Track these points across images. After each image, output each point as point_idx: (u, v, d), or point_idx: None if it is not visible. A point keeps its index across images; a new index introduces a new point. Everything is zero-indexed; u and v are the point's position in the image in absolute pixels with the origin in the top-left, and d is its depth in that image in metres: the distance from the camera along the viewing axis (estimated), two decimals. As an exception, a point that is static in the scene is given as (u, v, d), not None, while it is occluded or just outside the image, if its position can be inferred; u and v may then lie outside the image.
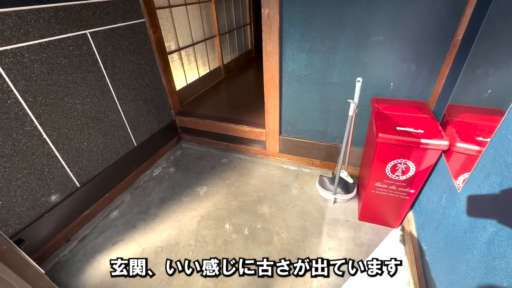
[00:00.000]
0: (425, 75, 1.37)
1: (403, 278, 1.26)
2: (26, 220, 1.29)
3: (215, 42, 3.01)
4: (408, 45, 1.31)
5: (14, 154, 1.20)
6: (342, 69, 1.50)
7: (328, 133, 1.79)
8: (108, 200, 1.73)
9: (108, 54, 1.56)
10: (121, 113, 1.73)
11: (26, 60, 1.18)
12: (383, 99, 1.46)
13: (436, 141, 1.08)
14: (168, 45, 2.26)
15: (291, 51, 1.55)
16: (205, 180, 1.95)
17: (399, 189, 1.30)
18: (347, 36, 1.39)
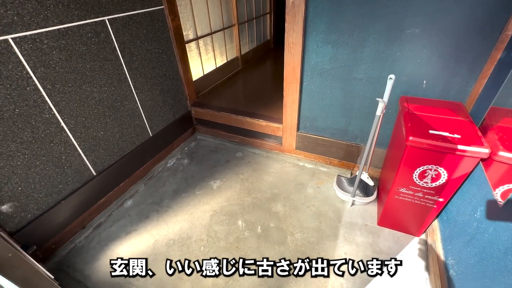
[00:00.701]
0: (464, 74, 1.24)
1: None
2: (44, 206, 1.31)
3: (234, 31, 2.92)
4: (447, 40, 1.19)
5: (33, 141, 1.21)
6: (369, 64, 1.40)
7: (349, 132, 1.70)
8: (123, 189, 1.74)
9: (126, 42, 1.53)
10: (137, 102, 1.71)
11: (45, 46, 1.16)
12: (413, 98, 1.35)
13: (475, 148, 0.98)
14: (186, 33, 2.20)
15: (315, 43, 1.46)
16: (219, 173, 1.92)
17: (426, 196, 1.21)
18: (379, 28, 1.28)
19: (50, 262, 1.36)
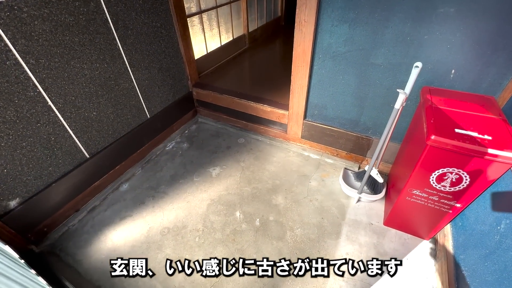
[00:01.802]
0: (502, 64, 1.07)
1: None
2: (33, 189, 1.26)
3: (241, 5, 2.69)
4: (487, 22, 1.01)
5: (17, 121, 1.12)
6: (391, 48, 1.23)
7: (360, 123, 1.56)
8: (119, 172, 1.68)
9: (120, 13, 1.38)
10: (133, 81, 1.59)
11: (25, 15, 1.04)
12: (438, 89, 1.19)
13: (509, 153, 0.85)
14: (188, 6, 2.02)
15: (330, 21, 1.28)
16: (219, 160, 1.83)
17: (442, 201, 1.10)
18: (406, 5, 1.10)
19: (43, 245, 1.33)
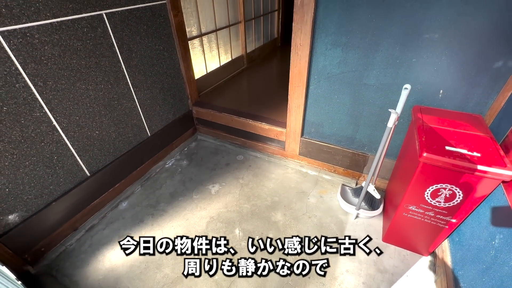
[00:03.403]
0: (486, 84, 1.14)
1: (431, 317, 1.10)
2: (33, 208, 1.26)
3: (240, 28, 2.83)
4: (470, 47, 1.09)
5: (22, 141, 1.15)
6: (382, 70, 1.30)
7: (356, 140, 1.61)
8: (118, 190, 1.68)
9: (125, 37, 1.46)
10: (135, 101, 1.64)
11: (36, 41, 1.10)
12: (428, 108, 1.25)
13: (497, 169, 0.89)
14: (189, 30, 2.12)
15: (324, 45, 1.36)
16: (218, 177, 1.85)
17: (437, 216, 1.12)
18: (394, 31, 1.18)
19: (39, 265, 1.31)
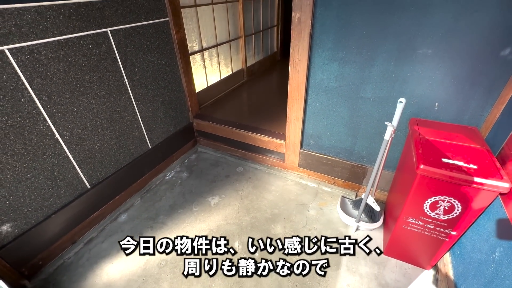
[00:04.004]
0: (480, 98, 1.16)
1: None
2: (33, 220, 1.26)
3: (240, 43, 2.91)
4: (462, 62, 1.12)
5: (25, 154, 1.17)
6: (378, 84, 1.33)
7: (355, 152, 1.62)
8: (118, 202, 1.68)
9: (128, 53, 1.51)
10: (137, 114, 1.67)
11: (43, 57, 1.14)
12: (424, 121, 1.27)
13: (494, 181, 0.89)
14: (191, 45, 2.19)
15: (321, 60, 1.40)
16: (218, 189, 1.85)
17: (437, 229, 1.11)
18: (389, 47, 1.22)
19: (36, 279, 1.30)
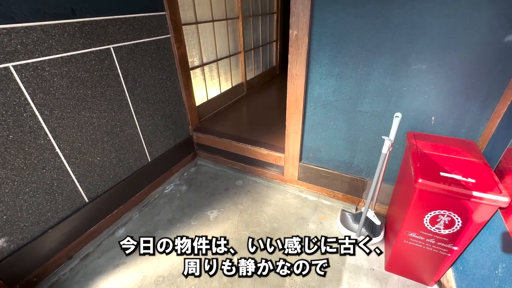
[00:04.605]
0: (475, 111, 1.18)
1: None
2: (29, 235, 1.25)
3: (240, 58, 2.98)
4: (456, 77, 1.15)
5: (24, 168, 1.17)
6: (375, 98, 1.35)
7: (354, 165, 1.62)
8: (116, 216, 1.67)
9: (130, 69, 1.54)
10: (137, 128, 1.69)
11: (47, 74, 1.17)
12: (421, 134, 1.28)
13: (492, 195, 0.89)
14: (191, 60, 2.24)
15: (318, 75, 1.43)
16: (217, 203, 1.84)
17: (439, 243, 1.10)
18: (384, 62, 1.25)
19: (29, 297, 1.27)
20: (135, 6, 1.48)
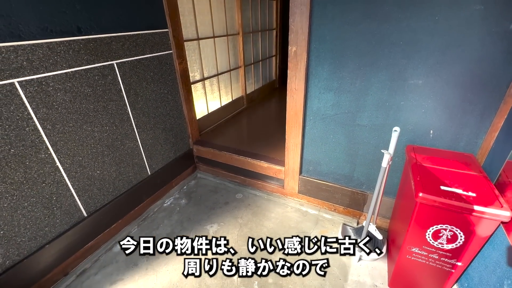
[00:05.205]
0: (473, 125, 1.19)
1: None
2: (25, 251, 1.23)
3: (240, 72, 3.04)
4: (452, 91, 1.17)
5: (24, 182, 1.17)
6: (373, 112, 1.37)
7: (354, 178, 1.62)
8: (114, 231, 1.65)
9: (132, 83, 1.57)
10: (138, 141, 1.70)
11: (51, 89, 1.19)
12: (420, 147, 1.29)
13: (494, 210, 0.89)
14: (192, 75, 2.28)
15: (317, 89, 1.46)
16: (216, 217, 1.82)
17: (442, 259, 1.08)
18: (381, 77, 1.28)
19: (23, 316, 1.23)
20: (139, 24, 1.53)
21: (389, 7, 1.14)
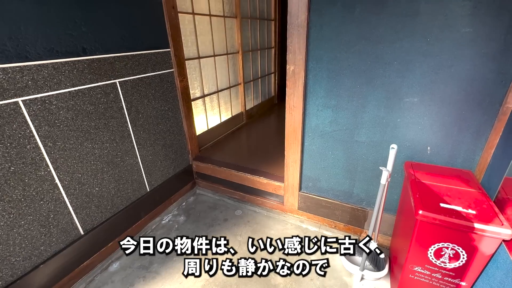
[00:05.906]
0: (469, 142, 1.21)
1: None
2: (19, 271, 1.20)
3: (239, 89, 3.10)
4: (447, 109, 1.19)
5: (22, 200, 1.16)
6: (371, 129, 1.39)
7: (354, 195, 1.61)
8: (110, 249, 1.61)
9: (134, 101, 1.60)
10: (138, 157, 1.71)
11: (54, 107, 1.21)
12: (419, 164, 1.30)
13: (494, 227, 0.88)
14: (193, 92, 2.33)
15: (315, 107, 1.49)
16: (215, 234, 1.79)
17: (445, 278, 1.06)
18: (377, 96, 1.31)
19: None
20: (142, 44, 1.58)
21: (383, 29, 1.19)
